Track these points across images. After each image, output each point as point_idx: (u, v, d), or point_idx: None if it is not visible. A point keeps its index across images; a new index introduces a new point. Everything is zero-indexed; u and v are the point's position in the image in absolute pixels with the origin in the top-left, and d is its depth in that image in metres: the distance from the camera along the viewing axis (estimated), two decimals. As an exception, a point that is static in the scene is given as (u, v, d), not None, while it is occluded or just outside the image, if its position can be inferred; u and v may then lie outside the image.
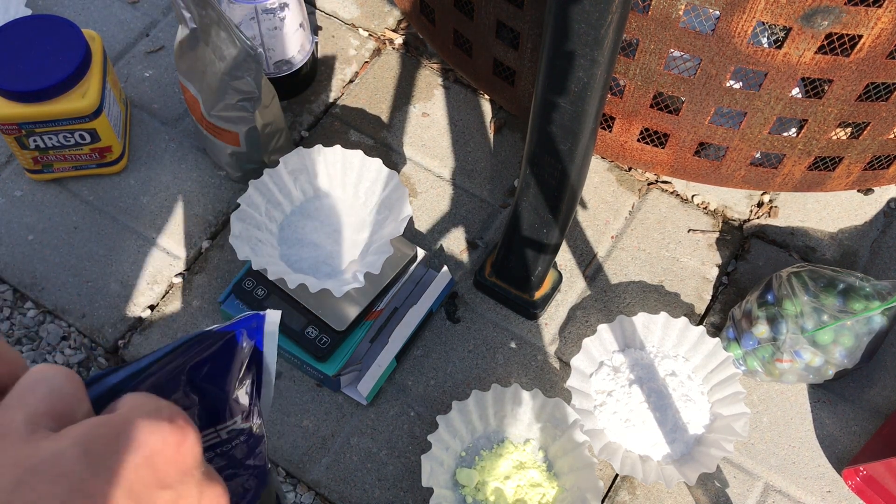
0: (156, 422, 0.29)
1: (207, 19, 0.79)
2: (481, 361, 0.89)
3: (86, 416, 0.30)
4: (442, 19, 0.95)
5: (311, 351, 0.83)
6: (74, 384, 0.30)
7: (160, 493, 0.29)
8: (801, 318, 0.81)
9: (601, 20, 0.64)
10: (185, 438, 0.30)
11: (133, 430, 0.28)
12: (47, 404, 0.29)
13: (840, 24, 0.70)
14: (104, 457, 0.27)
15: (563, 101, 0.73)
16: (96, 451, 0.27)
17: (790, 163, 0.87)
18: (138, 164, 1.01)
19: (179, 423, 0.30)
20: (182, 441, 0.29)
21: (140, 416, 0.29)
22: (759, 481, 0.83)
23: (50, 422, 0.29)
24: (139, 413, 0.29)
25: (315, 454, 0.85)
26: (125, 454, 0.28)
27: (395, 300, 0.87)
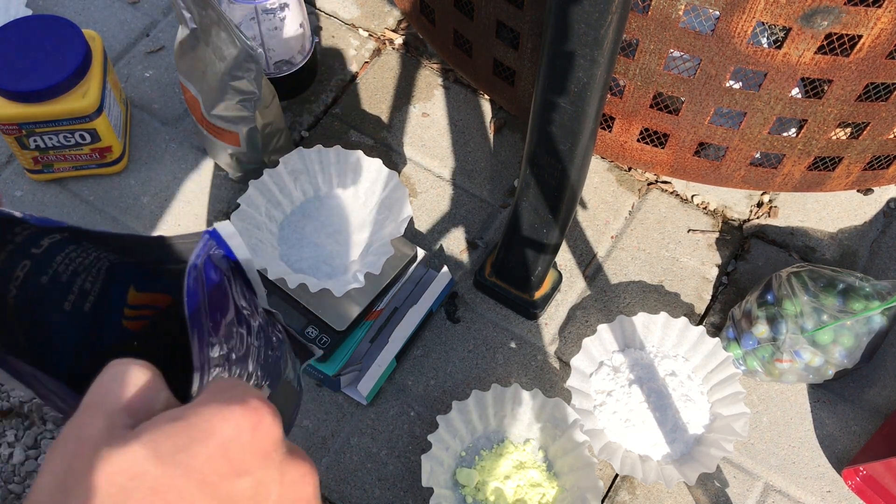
0: (227, 407, 0.28)
1: (207, 19, 0.79)
2: (481, 361, 0.89)
3: (165, 407, 0.30)
4: (442, 19, 0.95)
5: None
6: (151, 376, 0.30)
7: (238, 482, 0.28)
8: (800, 318, 0.81)
9: (601, 20, 0.64)
10: (261, 420, 0.28)
11: (204, 420, 0.28)
12: (124, 402, 0.29)
13: (840, 24, 0.70)
14: (174, 452, 0.27)
15: (563, 101, 0.73)
16: (166, 448, 0.27)
17: (790, 163, 0.87)
18: (138, 164, 1.01)
19: (253, 405, 0.28)
20: (257, 424, 0.28)
21: (211, 404, 0.28)
22: (758, 481, 0.83)
23: (127, 419, 0.29)
24: (211, 400, 0.28)
25: (315, 454, 0.85)
26: (196, 447, 0.27)
27: (395, 300, 0.87)
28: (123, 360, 0.30)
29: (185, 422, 0.28)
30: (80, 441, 0.28)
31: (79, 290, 0.40)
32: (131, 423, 0.29)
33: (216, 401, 0.28)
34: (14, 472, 0.85)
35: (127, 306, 0.42)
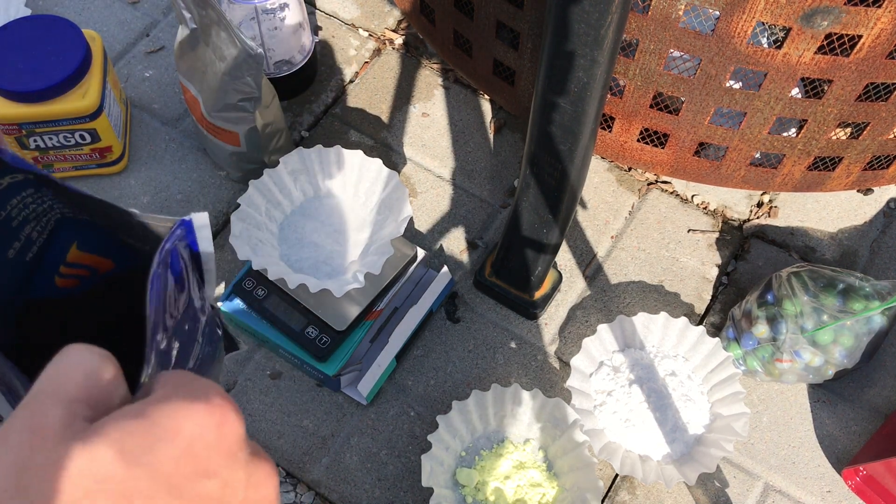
0: (190, 404, 0.27)
1: (207, 19, 0.79)
2: (481, 361, 0.89)
3: (122, 402, 0.29)
4: (442, 19, 0.95)
5: (311, 351, 0.83)
6: (110, 367, 0.28)
7: (205, 483, 0.27)
8: (800, 318, 0.81)
9: (601, 20, 0.64)
10: (225, 419, 0.27)
11: (167, 419, 0.27)
12: (84, 392, 0.27)
13: (840, 24, 0.70)
14: (140, 453, 0.26)
15: (563, 101, 0.73)
16: (131, 449, 0.26)
17: (790, 163, 0.87)
18: (138, 164, 1.01)
19: (216, 402, 0.27)
20: (222, 422, 0.27)
21: (173, 400, 0.27)
22: (758, 481, 0.83)
23: (86, 410, 0.27)
24: (172, 396, 0.27)
25: (315, 454, 0.85)
26: (161, 447, 0.26)
27: (395, 300, 0.87)
28: (83, 345, 0.29)
29: (149, 420, 0.26)
30: (36, 432, 0.26)
31: (25, 238, 0.39)
32: (90, 415, 0.27)
33: (177, 397, 0.27)
34: (14, 472, 0.85)
35: (64, 263, 0.41)
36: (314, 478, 0.84)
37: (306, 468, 0.84)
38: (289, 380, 0.88)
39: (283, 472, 0.84)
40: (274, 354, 0.89)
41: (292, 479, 0.84)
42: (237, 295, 0.85)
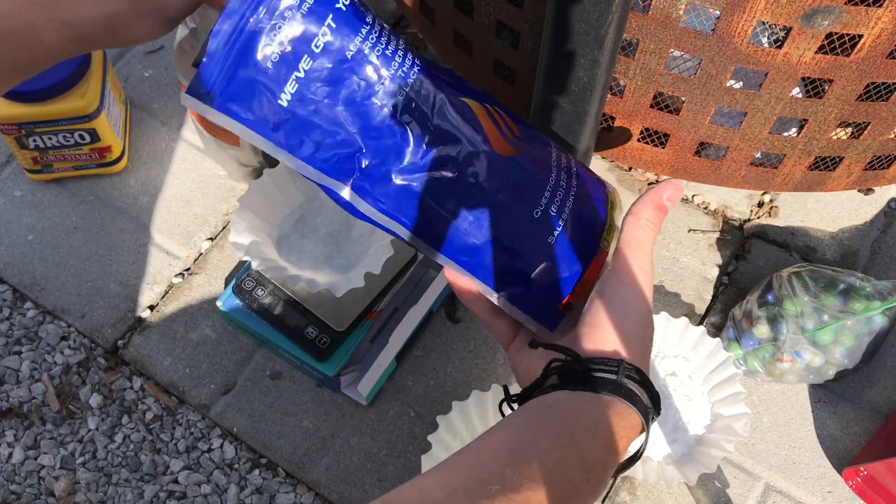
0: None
1: (207, 20, 0.79)
2: (481, 361, 0.89)
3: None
4: (442, 19, 0.95)
5: (311, 351, 0.83)
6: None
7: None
8: (801, 318, 0.81)
9: (601, 20, 0.64)
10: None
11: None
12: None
13: (840, 23, 0.70)
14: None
15: (564, 100, 0.73)
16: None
17: (790, 163, 0.87)
18: (138, 164, 1.01)
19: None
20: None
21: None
22: (759, 481, 0.83)
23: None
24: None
25: (315, 454, 0.85)
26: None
27: (395, 300, 0.87)
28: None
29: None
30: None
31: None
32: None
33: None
34: (14, 472, 0.85)
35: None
36: (314, 478, 0.83)
37: (306, 468, 0.84)
38: (289, 380, 0.88)
39: (283, 473, 0.84)
40: (274, 354, 0.89)
41: (292, 480, 0.84)
42: (237, 295, 0.85)
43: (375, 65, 0.46)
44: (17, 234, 0.96)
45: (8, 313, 0.93)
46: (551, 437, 0.46)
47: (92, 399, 0.88)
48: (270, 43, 0.44)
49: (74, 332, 0.91)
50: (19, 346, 0.91)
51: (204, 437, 0.86)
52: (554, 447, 0.45)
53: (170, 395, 0.88)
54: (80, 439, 0.86)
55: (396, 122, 0.47)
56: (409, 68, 0.48)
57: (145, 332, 0.91)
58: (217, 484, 0.84)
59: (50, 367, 0.90)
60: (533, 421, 0.47)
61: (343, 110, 0.47)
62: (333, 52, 0.45)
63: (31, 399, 0.88)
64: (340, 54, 0.45)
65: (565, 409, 0.47)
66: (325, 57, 0.45)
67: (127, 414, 0.87)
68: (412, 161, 0.48)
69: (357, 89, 0.47)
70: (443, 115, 0.48)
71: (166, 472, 0.85)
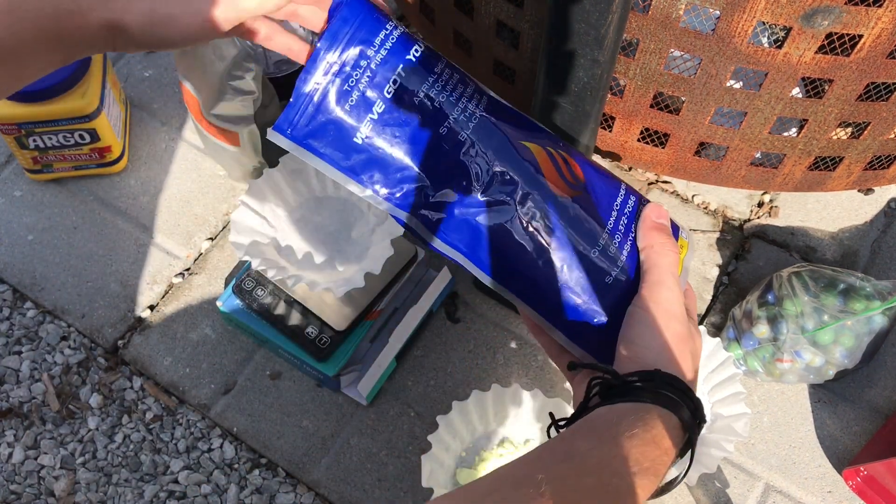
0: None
1: (207, 19, 0.79)
2: (481, 361, 0.89)
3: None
4: (442, 19, 0.95)
5: (311, 351, 0.83)
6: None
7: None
8: (801, 318, 0.81)
9: (601, 20, 0.64)
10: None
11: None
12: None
13: (840, 23, 0.70)
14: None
15: (564, 100, 0.73)
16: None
17: (790, 163, 0.87)
18: (138, 164, 1.01)
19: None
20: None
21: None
22: (759, 481, 0.83)
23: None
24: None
25: (315, 454, 0.85)
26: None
27: (395, 300, 0.87)
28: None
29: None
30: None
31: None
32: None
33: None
34: (14, 472, 0.85)
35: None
36: (314, 478, 0.84)
37: (306, 468, 0.84)
38: (289, 380, 0.88)
39: (283, 473, 0.84)
40: (274, 354, 0.89)
41: (292, 480, 0.84)
42: (237, 295, 0.85)
43: (441, 109, 0.52)
44: (17, 234, 0.96)
45: (8, 313, 0.93)
46: (593, 439, 0.48)
47: (92, 399, 0.88)
48: (349, 90, 0.51)
49: (74, 332, 0.91)
50: (19, 345, 0.91)
51: (204, 437, 0.86)
52: (596, 446, 0.47)
53: (170, 395, 0.88)
54: (80, 439, 0.86)
55: (459, 162, 0.53)
56: (473, 111, 0.53)
57: (145, 332, 0.91)
58: (217, 484, 0.84)
59: (50, 366, 0.90)
60: (574, 432, 0.49)
61: (411, 149, 0.53)
62: (404, 98, 0.52)
63: (32, 399, 0.88)
64: (409, 99, 0.52)
65: (606, 418, 0.49)
66: (396, 101, 0.52)
67: (127, 414, 0.87)
68: (474, 198, 0.53)
69: (424, 131, 0.52)
70: (503, 157, 0.53)
71: (166, 472, 0.85)
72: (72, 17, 0.48)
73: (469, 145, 0.53)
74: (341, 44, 0.51)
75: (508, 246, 0.54)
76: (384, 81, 0.51)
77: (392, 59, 0.52)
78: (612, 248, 0.54)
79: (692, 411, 0.50)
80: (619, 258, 0.54)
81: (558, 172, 0.55)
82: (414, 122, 0.52)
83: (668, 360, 0.51)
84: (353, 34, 0.51)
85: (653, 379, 0.49)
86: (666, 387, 0.49)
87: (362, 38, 0.51)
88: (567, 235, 0.54)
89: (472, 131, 0.53)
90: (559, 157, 0.56)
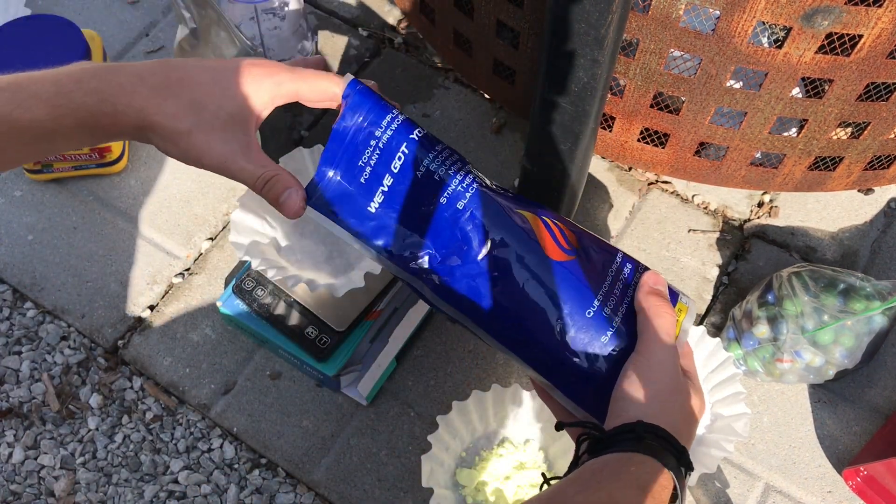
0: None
1: (207, 19, 0.79)
2: (481, 361, 0.89)
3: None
4: (442, 19, 0.95)
5: (311, 351, 0.83)
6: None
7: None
8: (801, 318, 0.81)
9: (601, 20, 0.64)
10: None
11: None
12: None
13: (840, 23, 0.70)
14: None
15: (564, 100, 0.73)
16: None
17: (790, 163, 0.87)
18: (138, 164, 1.01)
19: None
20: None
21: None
22: (759, 481, 0.83)
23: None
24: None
25: (315, 454, 0.85)
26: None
27: (395, 300, 0.87)
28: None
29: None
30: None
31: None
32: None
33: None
34: (14, 472, 0.85)
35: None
36: (314, 478, 0.84)
37: (306, 468, 0.84)
38: (289, 380, 0.88)
39: (283, 473, 0.84)
40: (274, 354, 0.89)
41: (292, 480, 0.84)
42: (237, 295, 0.85)
43: (441, 181, 0.59)
44: (17, 234, 0.96)
45: (8, 313, 0.93)
46: (578, 485, 0.50)
47: (92, 399, 0.88)
48: (363, 167, 0.59)
49: (74, 332, 0.91)
50: (19, 346, 0.91)
51: (204, 437, 0.86)
52: (580, 490, 0.49)
53: (170, 395, 0.88)
54: (80, 439, 0.86)
55: (458, 229, 0.58)
56: (470, 183, 0.59)
57: (145, 332, 0.91)
58: (217, 484, 0.84)
59: (50, 367, 0.90)
60: (563, 483, 0.52)
61: (416, 216, 0.59)
62: (408, 171, 0.58)
63: (32, 399, 0.88)
64: (413, 173, 0.58)
65: (591, 468, 0.52)
66: (402, 175, 0.59)
67: (127, 414, 0.87)
68: (472, 261, 0.58)
69: (427, 200, 0.59)
70: (498, 223, 0.58)
71: (166, 472, 0.85)
72: (107, 116, 0.54)
73: (468, 213, 0.58)
74: (353, 127, 0.59)
75: (506, 308, 0.58)
76: (391, 158, 0.58)
77: (397, 138, 0.58)
78: (606, 311, 0.58)
79: (677, 458, 0.52)
80: (613, 320, 0.57)
81: (552, 237, 0.59)
82: (418, 193, 0.59)
83: (654, 411, 0.53)
84: (364, 117, 0.59)
85: (634, 430, 0.52)
86: (647, 435, 0.52)
87: (371, 120, 0.59)
88: (561, 297, 0.57)
89: (468, 200, 0.58)
90: (553, 224, 0.60)
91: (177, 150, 0.56)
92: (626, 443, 0.52)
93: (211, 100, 0.55)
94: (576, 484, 0.50)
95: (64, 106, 0.54)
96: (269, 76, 0.58)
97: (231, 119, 0.56)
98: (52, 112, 0.54)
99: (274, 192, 0.57)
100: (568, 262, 0.58)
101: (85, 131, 0.55)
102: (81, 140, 0.56)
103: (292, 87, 0.59)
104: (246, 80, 0.57)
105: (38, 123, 0.54)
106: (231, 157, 0.56)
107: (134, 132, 0.56)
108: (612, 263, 0.60)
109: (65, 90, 0.55)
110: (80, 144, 0.57)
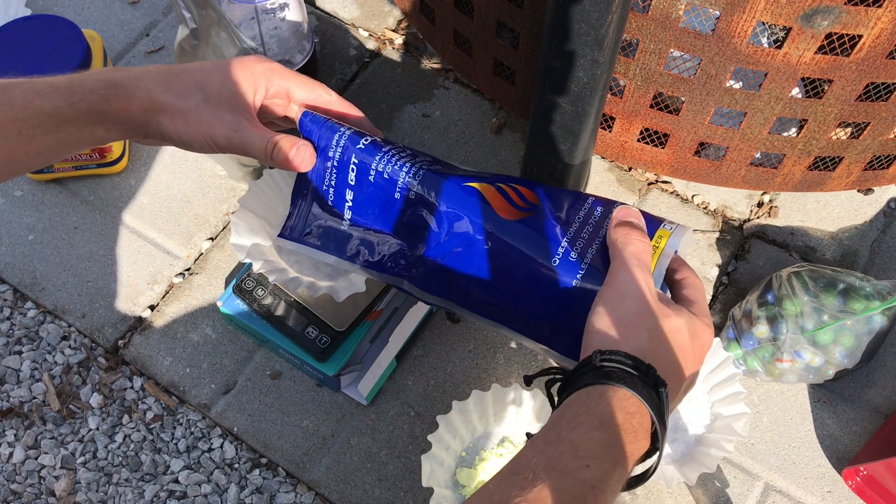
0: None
1: (207, 19, 0.79)
2: (481, 361, 0.89)
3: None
4: (442, 19, 0.95)
5: (311, 351, 0.83)
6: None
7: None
8: (801, 317, 0.81)
9: (601, 20, 0.64)
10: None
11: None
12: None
13: (840, 24, 0.70)
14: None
15: (564, 100, 0.73)
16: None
17: (790, 163, 0.87)
18: (138, 164, 1.01)
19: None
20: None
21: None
22: (759, 481, 0.83)
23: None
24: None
25: (315, 454, 0.85)
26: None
27: (395, 300, 0.87)
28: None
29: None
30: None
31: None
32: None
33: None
34: (14, 472, 0.85)
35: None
36: (314, 478, 0.84)
37: (306, 468, 0.84)
38: (289, 380, 0.88)
39: (283, 473, 0.85)
40: (274, 354, 0.89)
41: (292, 479, 0.84)
42: (237, 295, 0.85)
43: (391, 177, 0.62)
44: (18, 234, 0.97)
45: (8, 313, 0.93)
46: (539, 444, 0.47)
47: (92, 399, 0.88)
48: (327, 189, 0.64)
49: (75, 332, 0.92)
50: (20, 345, 0.91)
51: (204, 437, 0.86)
52: (541, 450, 0.46)
53: (170, 395, 0.88)
54: (80, 439, 0.87)
55: (416, 215, 0.61)
56: (418, 171, 0.61)
57: (146, 331, 0.91)
58: (217, 484, 0.84)
59: (50, 366, 0.90)
60: (526, 444, 0.48)
61: (381, 219, 0.63)
62: (362, 179, 0.62)
63: (32, 399, 0.88)
64: (366, 179, 0.62)
65: (553, 417, 0.48)
66: (358, 186, 0.63)
67: (127, 414, 0.87)
68: (436, 243, 0.61)
69: (386, 200, 0.62)
70: (449, 199, 0.60)
71: (166, 472, 0.85)
72: (119, 100, 0.59)
73: (420, 199, 0.61)
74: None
75: (479, 279, 0.59)
76: (346, 172, 0.63)
77: (346, 153, 0.63)
78: (573, 255, 0.57)
79: (642, 379, 0.48)
80: (582, 262, 0.57)
81: (506, 199, 0.60)
82: (377, 196, 0.63)
83: (615, 337, 0.50)
84: (317, 143, 0.64)
85: (590, 361, 0.49)
86: (604, 363, 0.48)
87: (325, 144, 0.63)
88: (523, 253, 0.58)
89: (419, 186, 0.61)
90: (508, 187, 0.61)
91: (186, 126, 0.60)
92: (585, 377, 0.48)
93: (213, 82, 0.61)
94: (537, 443, 0.47)
95: (78, 92, 0.58)
96: (262, 62, 0.64)
97: (233, 97, 0.61)
98: (69, 98, 0.58)
99: (283, 152, 0.62)
100: (525, 219, 0.59)
101: (99, 117, 0.59)
102: (94, 130, 0.60)
103: (283, 81, 0.64)
104: (242, 66, 0.62)
105: (58, 111, 0.57)
106: (241, 126, 0.61)
107: (142, 115, 0.60)
108: (580, 209, 0.60)
109: (77, 79, 0.59)
110: (92, 136, 0.60)
